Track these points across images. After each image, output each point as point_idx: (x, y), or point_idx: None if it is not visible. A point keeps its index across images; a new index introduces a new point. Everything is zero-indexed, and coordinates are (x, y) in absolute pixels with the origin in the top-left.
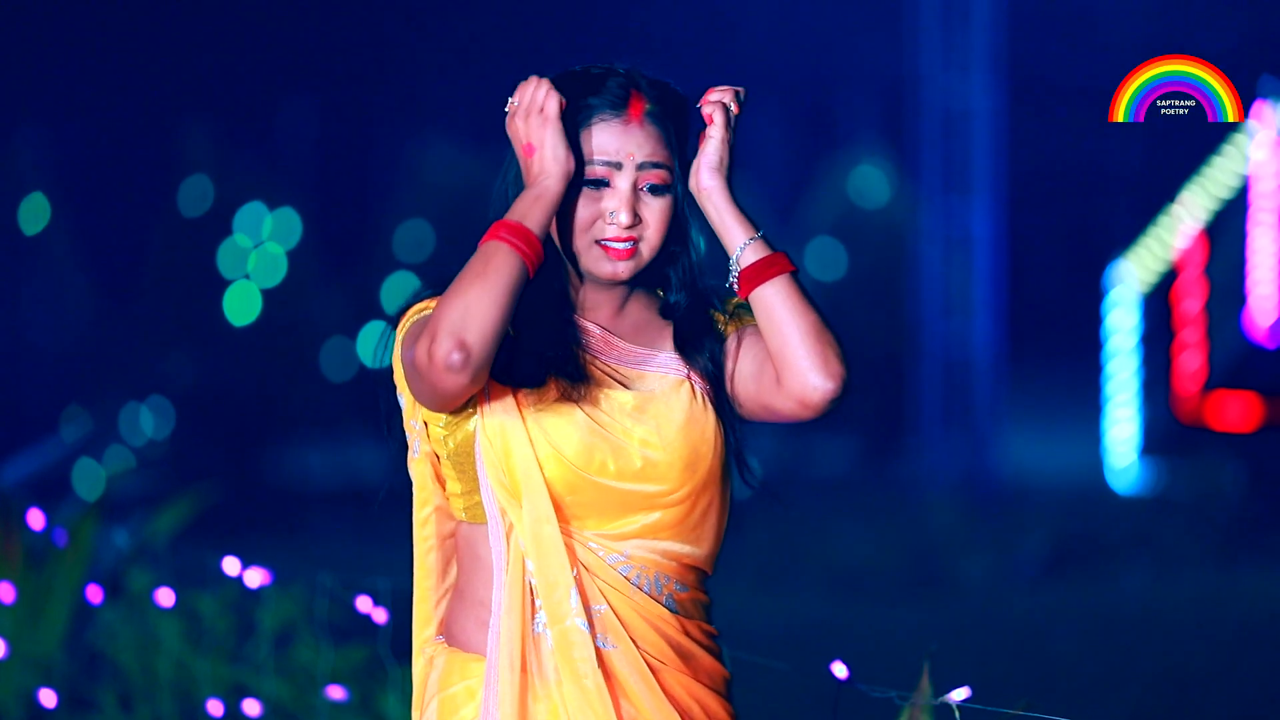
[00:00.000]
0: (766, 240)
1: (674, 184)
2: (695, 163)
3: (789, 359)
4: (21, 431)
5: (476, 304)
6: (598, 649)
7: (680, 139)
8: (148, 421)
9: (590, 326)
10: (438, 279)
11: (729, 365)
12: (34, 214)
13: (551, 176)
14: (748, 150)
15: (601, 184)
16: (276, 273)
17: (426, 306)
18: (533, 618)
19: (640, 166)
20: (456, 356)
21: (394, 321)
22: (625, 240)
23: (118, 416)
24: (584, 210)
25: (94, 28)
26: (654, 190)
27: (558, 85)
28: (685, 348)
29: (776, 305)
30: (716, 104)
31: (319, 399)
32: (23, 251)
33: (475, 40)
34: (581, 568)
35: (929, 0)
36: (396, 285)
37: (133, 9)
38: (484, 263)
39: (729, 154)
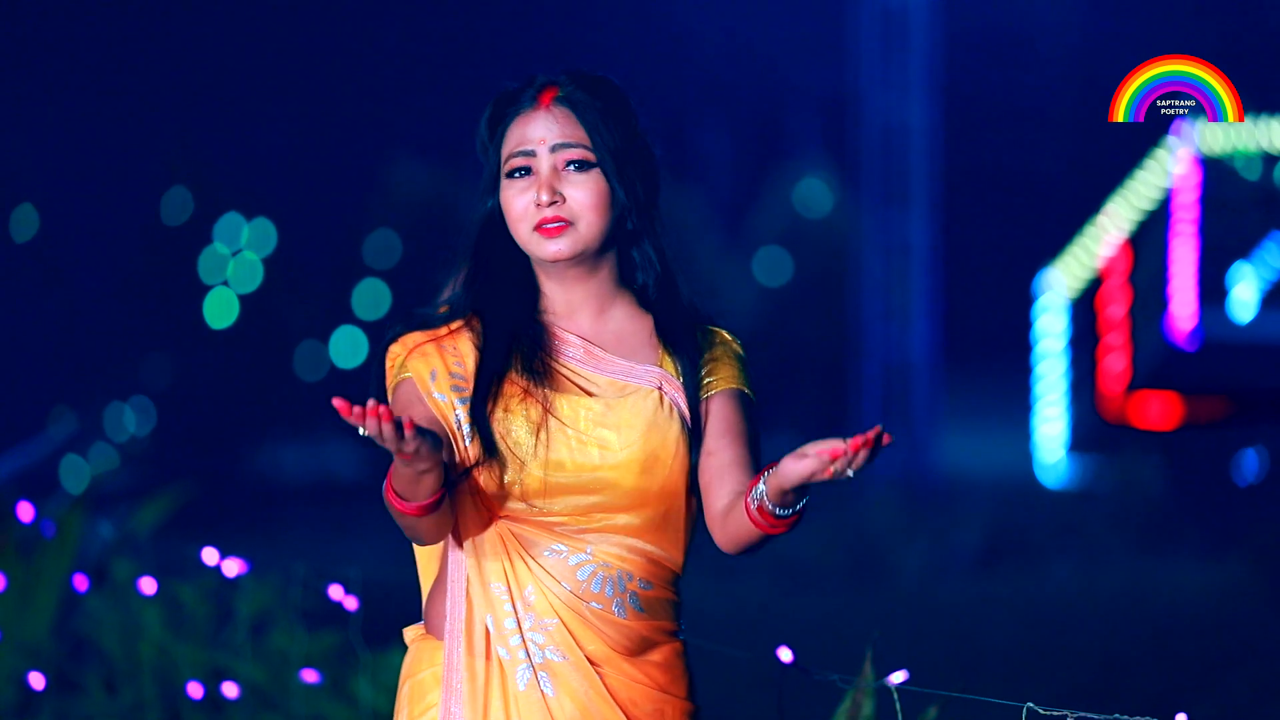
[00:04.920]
0: (800, 510)
1: (603, 161)
2: (802, 473)
3: (721, 536)
4: (11, 429)
5: (413, 532)
6: (548, 660)
7: (603, 119)
8: (130, 420)
9: (571, 338)
10: (410, 315)
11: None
12: (23, 223)
13: (423, 470)
14: (699, 163)
15: (524, 173)
16: (253, 279)
17: (404, 364)
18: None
19: (554, 148)
20: (418, 545)
21: (384, 344)
22: (553, 220)
23: (102, 415)
24: (515, 202)
25: (80, 48)
26: (577, 166)
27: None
28: (666, 342)
29: (747, 536)
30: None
31: (293, 399)
32: (13, 259)
33: (441, 60)
34: (536, 582)
35: (869, 22)
36: (366, 291)
37: (117, 30)
38: (399, 521)
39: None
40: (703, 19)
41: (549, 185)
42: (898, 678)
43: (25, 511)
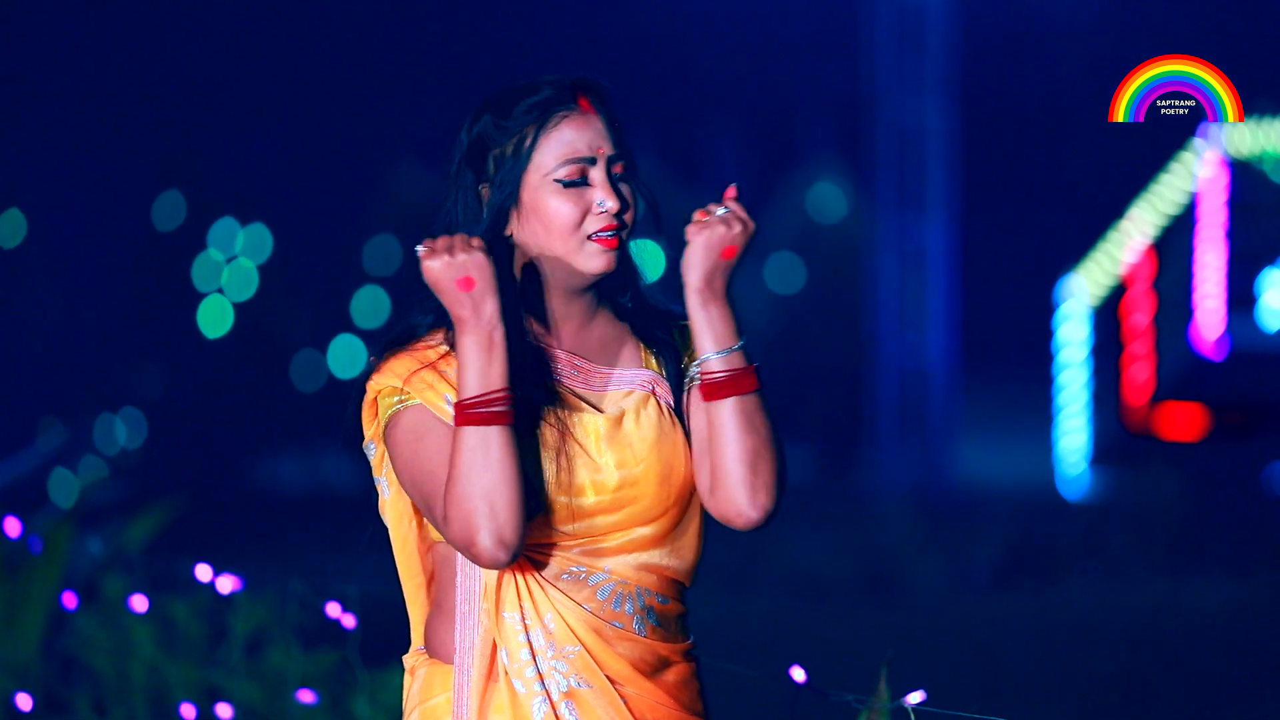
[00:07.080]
0: (744, 351)
1: (636, 172)
2: (695, 259)
3: (722, 478)
4: None
5: (498, 493)
6: (573, 689)
7: (623, 128)
8: (121, 432)
9: (559, 354)
10: (396, 336)
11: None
12: (11, 229)
13: (492, 312)
14: (709, 167)
15: (580, 183)
16: (249, 286)
17: (393, 389)
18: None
19: (610, 159)
20: (503, 555)
21: (364, 373)
22: (613, 229)
23: (92, 427)
24: (568, 211)
25: (71, 49)
26: (621, 177)
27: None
28: (648, 341)
29: (728, 423)
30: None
31: (289, 409)
32: (0, 266)
33: (441, 63)
34: (556, 610)
35: (884, 24)
36: (365, 299)
37: (108, 30)
38: (484, 452)
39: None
40: (714, 20)
41: (614, 192)
42: (914, 698)
43: (12, 526)
